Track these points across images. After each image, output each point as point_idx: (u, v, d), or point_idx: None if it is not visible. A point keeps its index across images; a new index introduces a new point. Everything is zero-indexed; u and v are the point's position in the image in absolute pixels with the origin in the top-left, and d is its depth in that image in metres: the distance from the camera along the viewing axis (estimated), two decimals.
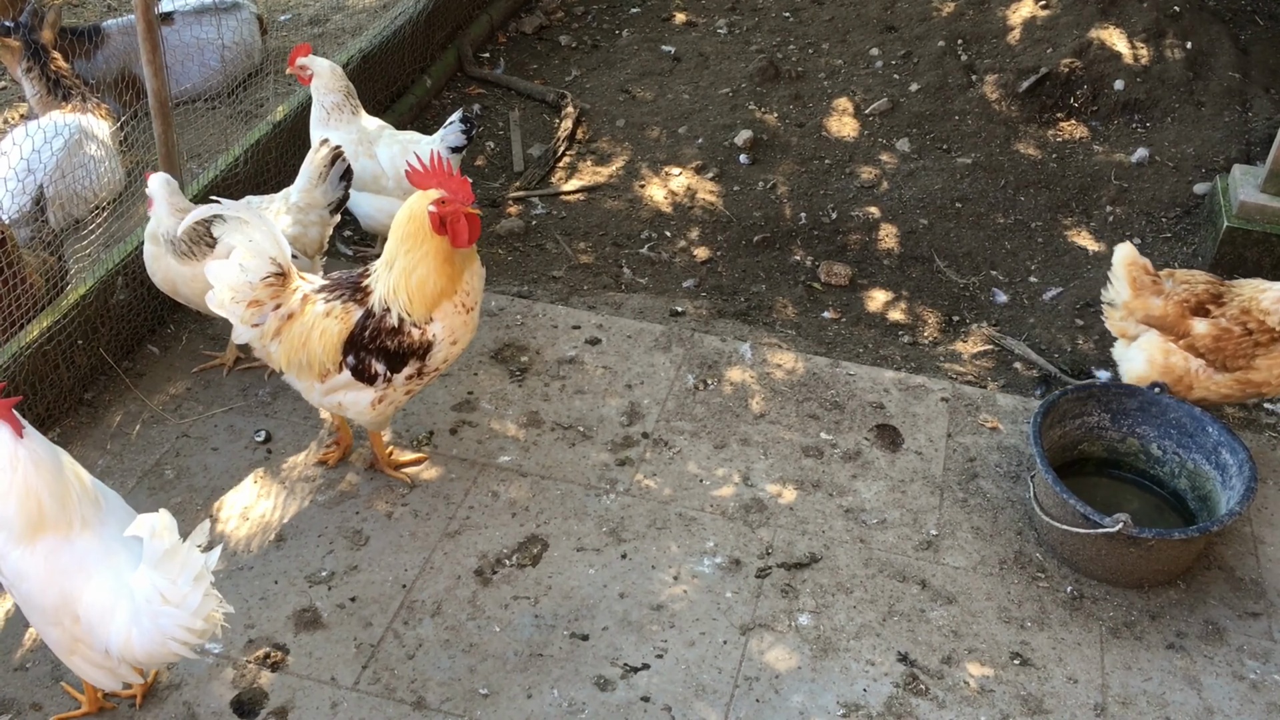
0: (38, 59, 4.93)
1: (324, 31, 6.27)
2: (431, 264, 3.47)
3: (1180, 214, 5.40)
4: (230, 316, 3.54)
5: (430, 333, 3.55)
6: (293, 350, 3.57)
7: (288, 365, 3.61)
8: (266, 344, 3.58)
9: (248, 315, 3.53)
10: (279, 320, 3.55)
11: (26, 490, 2.79)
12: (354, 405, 3.66)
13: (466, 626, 3.48)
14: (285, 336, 3.56)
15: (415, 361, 3.57)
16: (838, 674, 3.39)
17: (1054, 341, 4.78)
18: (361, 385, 3.59)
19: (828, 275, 5.09)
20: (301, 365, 3.58)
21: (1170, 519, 3.90)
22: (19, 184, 4.32)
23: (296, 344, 3.55)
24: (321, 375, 3.59)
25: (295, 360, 3.58)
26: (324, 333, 3.53)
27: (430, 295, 3.51)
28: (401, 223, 3.48)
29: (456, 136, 4.53)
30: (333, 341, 3.53)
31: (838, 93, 6.15)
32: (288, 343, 3.56)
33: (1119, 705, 3.35)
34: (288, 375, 3.69)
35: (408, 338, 3.53)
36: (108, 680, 2.97)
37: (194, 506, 3.79)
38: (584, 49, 6.71)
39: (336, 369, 3.57)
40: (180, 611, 2.72)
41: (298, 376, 3.64)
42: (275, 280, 3.52)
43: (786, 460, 4.07)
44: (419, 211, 3.43)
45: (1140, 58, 6.02)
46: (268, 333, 3.56)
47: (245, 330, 3.57)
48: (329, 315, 3.53)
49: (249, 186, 4.69)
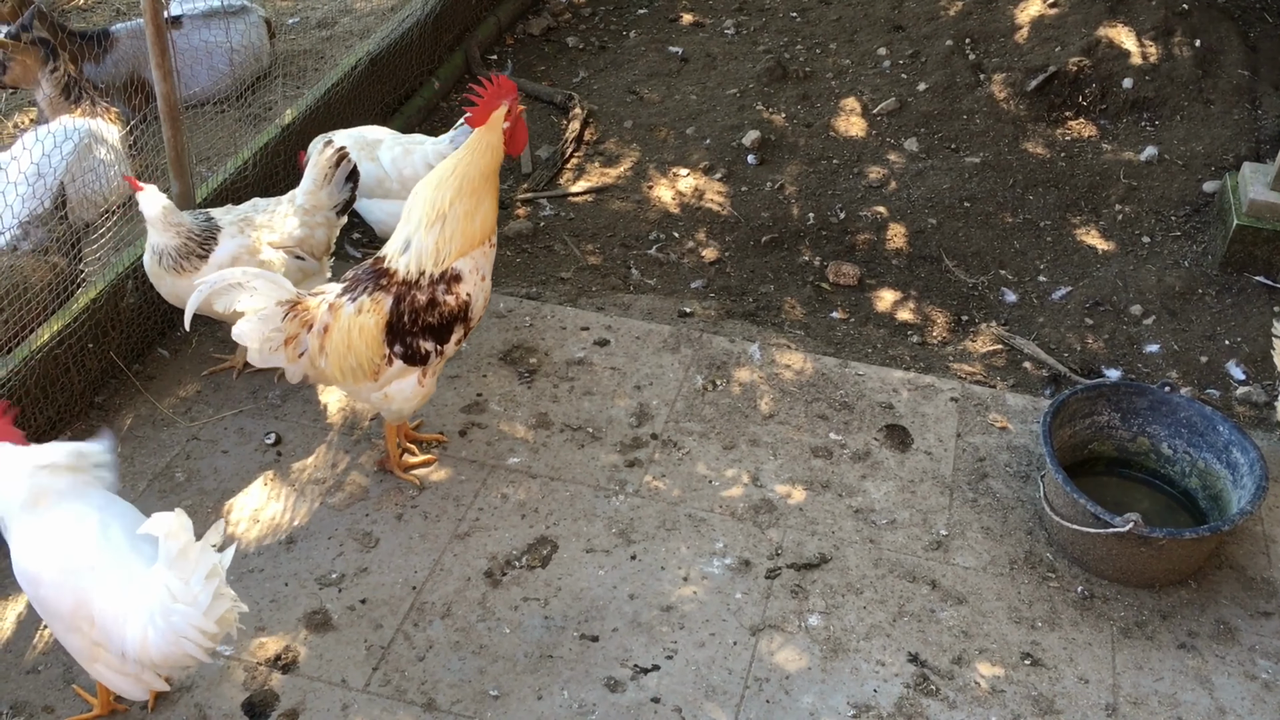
0: (57, 57, 4.95)
1: (332, 34, 6.29)
2: (491, 200, 3.55)
3: (1190, 212, 5.38)
4: (277, 364, 3.55)
5: (463, 292, 3.55)
6: (341, 359, 3.56)
7: (341, 375, 3.59)
8: (319, 365, 3.58)
9: (291, 352, 3.54)
10: (318, 338, 3.55)
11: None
12: (401, 393, 3.66)
13: (476, 628, 3.48)
14: (329, 349, 3.55)
15: (460, 326, 3.60)
16: (848, 675, 3.39)
17: (1063, 341, 4.77)
18: (411, 369, 3.60)
19: (836, 275, 5.08)
20: (353, 370, 3.57)
21: (1181, 518, 3.89)
22: (29, 188, 4.33)
23: (342, 351, 3.55)
24: (373, 373, 3.59)
25: (346, 367, 3.57)
26: (362, 330, 3.52)
27: (487, 228, 3.58)
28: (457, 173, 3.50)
29: (466, 138, 4.53)
30: (373, 335, 3.52)
31: (845, 93, 6.14)
32: (334, 354, 3.55)
33: (1130, 705, 3.34)
34: (345, 386, 3.69)
35: (446, 305, 3.54)
36: (133, 688, 2.97)
37: (204, 509, 3.80)
38: (591, 50, 6.71)
39: (386, 362, 3.57)
40: (192, 610, 2.73)
41: (353, 382, 3.63)
42: (294, 309, 3.52)
43: (796, 461, 4.07)
44: (481, 149, 3.51)
45: (1149, 56, 6.00)
46: (314, 354, 3.56)
47: (294, 368, 3.57)
48: (361, 312, 3.52)
49: (258, 189, 4.70)
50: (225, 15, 5.69)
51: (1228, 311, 4.89)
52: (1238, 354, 4.69)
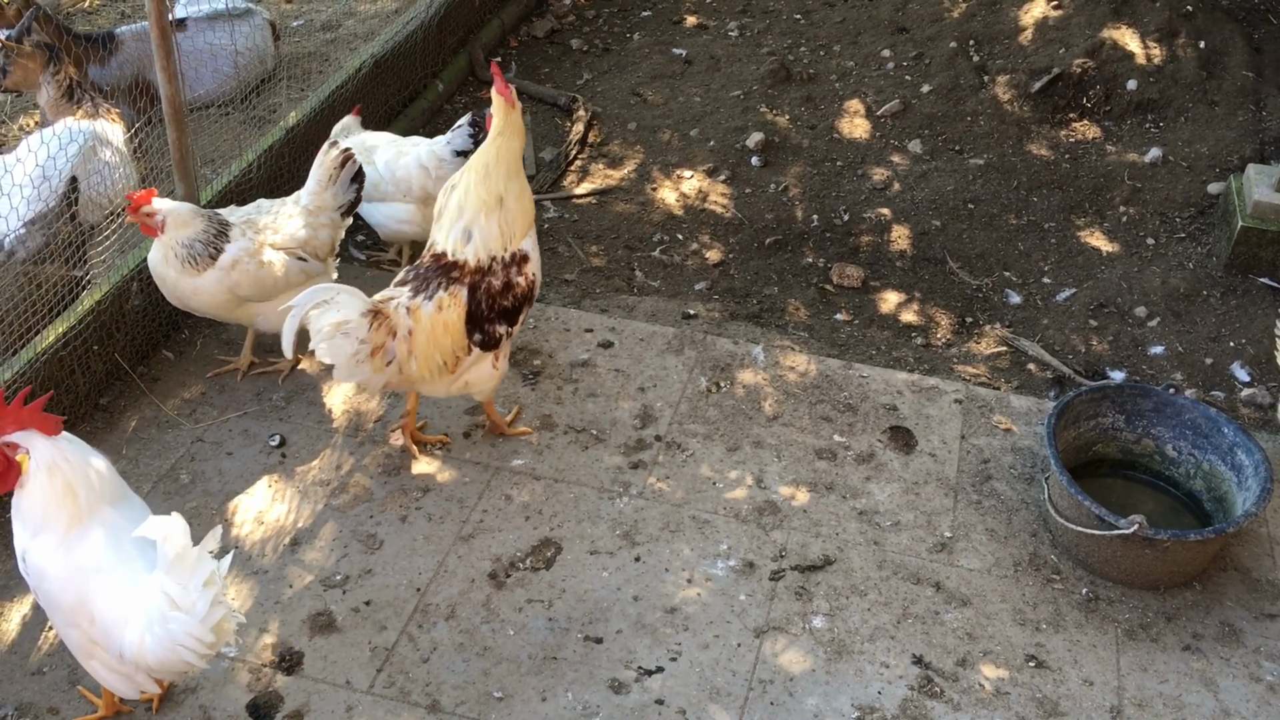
0: (60, 61, 4.96)
1: (336, 37, 6.30)
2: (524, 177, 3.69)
3: (1194, 214, 5.38)
4: (362, 376, 3.55)
5: (530, 271, 3.68)
6: (429, 357, 3.61)
7: (430, 374, 3.64)
8: (408, 369, 3.60)
9: (378, 362, 3.55)
10: (405, 342, 3.57)
11: (66, 487, 2.83)
12: (479, 378, 3.75)
13: (480, 630, 3.48)
14: (417, 351, 3.59)
15: (527, 307, 3.73)
16: (852, 676, 3.38)
17: (1068, 342, 4.77)
18: (484, 355, 3.68)
19: (840, 277, 5.08)
20: (439, 367, 3.64)
21: (1186, 520, 3.89)
22: (34, 189, 4.34)
23: (429, 350, 3.60)
24: (454, 366, 3.65)
25: (434, 365, 3.62)
26: (446, 326, 3.58)
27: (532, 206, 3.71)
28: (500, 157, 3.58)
29: (464, 140, 4.55)
30: (457, 329, 3.60)
31: (849, 94, 6.14)
32: (421, 354, 3.59)
33: (1135, 707, 3.34)
34: (427, 385, 3.72)
35: (519, 287, 3.67)
36: (125, 687, 2.98)
37: (209, 511, 3.81)
38: (595, 52, 6.72)
39: (466, 352, 3.65)
40: (189, 618, 2.71)
41: (437, 378, 3.68)
42: (378, 319, 3.53)
43: (799, 462, 4.07)
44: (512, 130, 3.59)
45: (1153, 57, 6.00)
46: (403, 360, 3.58)
47: (379, 378, 3.58)
48: (442, 308, 3.58)
49: (262, 191, 4.71)
50: (230, 18, 5.70)
51: (1232, 313, 4.88)
52: (1242, 356, 4.68)
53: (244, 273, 3.95)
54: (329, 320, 3.47)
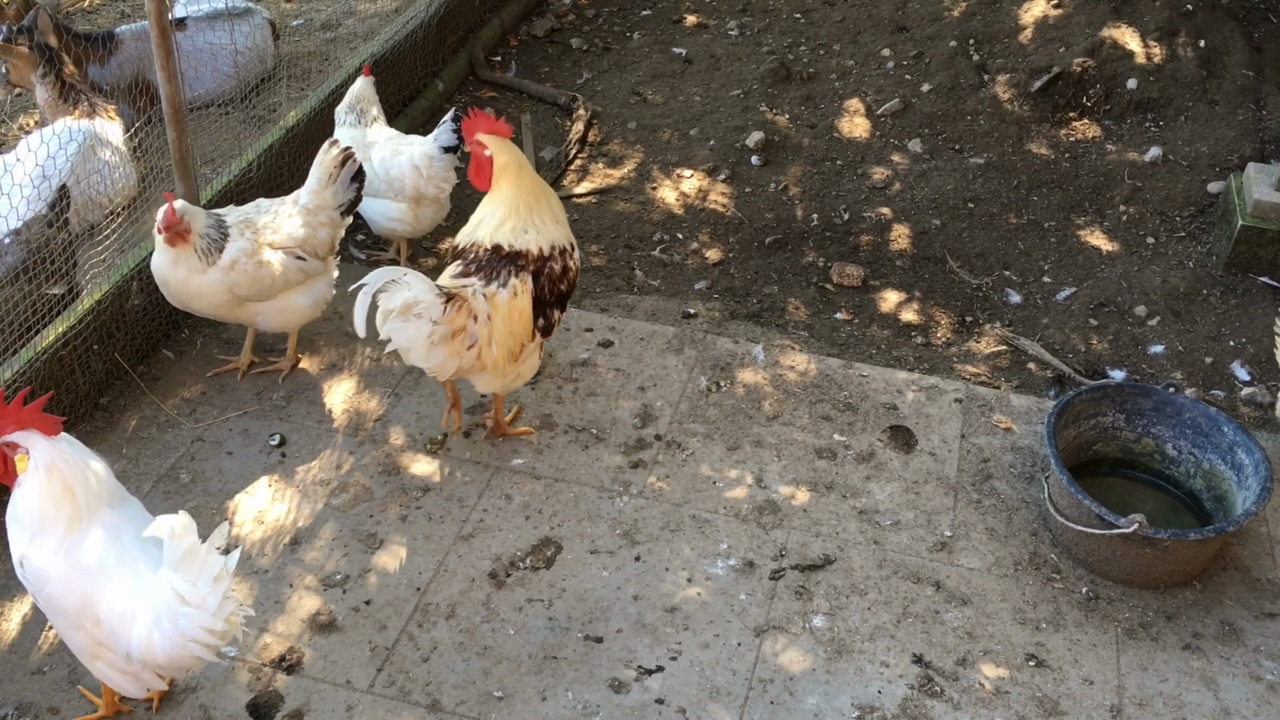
0: (53, 63, 4.95)
1: (336, 36, 6.30)
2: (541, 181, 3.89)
3: (1194, 213, 5.38)
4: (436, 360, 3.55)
5: (572, 261, 3.79)
6: (505, 344, 3.67)
7: (506, 357, 3.68)
8: (489, 353, 3.62)
9: (456, 346, 3.56)
10: (485, 326, 3.60)
11: (64, 488, 2.82)
12: (529, 367, 3.85)
13: (481, 629, 3.49)
14: (497, 336, 3.63)
15: (572, 292, 3.86)
16: (852, 676, 3.38)
17: (1068, 342, 4.76)
18: (536, 344, 3.79)
19: (840, 276, 5.08)
20: (511, 352, 3.69)
21: (1186, 519, 3.89)
22: (34, 190, 4.34)
23: (505, 335, 3.67)
24: (519, 352, 3.72)
25: (508, 351, 3.68)
26: (521, 312, 3.66)
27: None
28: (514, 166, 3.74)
29: (449, 136, 4.58)
30: (528, 314, 3.69)
31: (849, 94, 6.14)
32: (501, 338, 3.65)
33: (1135, 707, 3.34)
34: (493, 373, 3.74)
35: (571, 272, 3.81)
36: (132, 686, 2.97)
37: (209, 510, 3.81)
38: (595, 52, 6.71)
39: (530, 337, 3.73)
40: (200, 613, 2.73)
41: (505, 364, 3.71)
42: (454, 301, 3.54)
43: (800, 462, 4.07)
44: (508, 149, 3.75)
45: (1153, 56, 6.00)
46: (484, 344, 3.60)
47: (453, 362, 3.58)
48: (516, 295, 3.64)
49: (262, 190, 4.71)
50: (229, 17, 5.70)
51: (1232, 312, 4.88)
52: (1242, 355, 4.68)
53: (243, 273, 3.95)
54: (400, 300, 3.46)
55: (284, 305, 4.12)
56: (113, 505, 2.93)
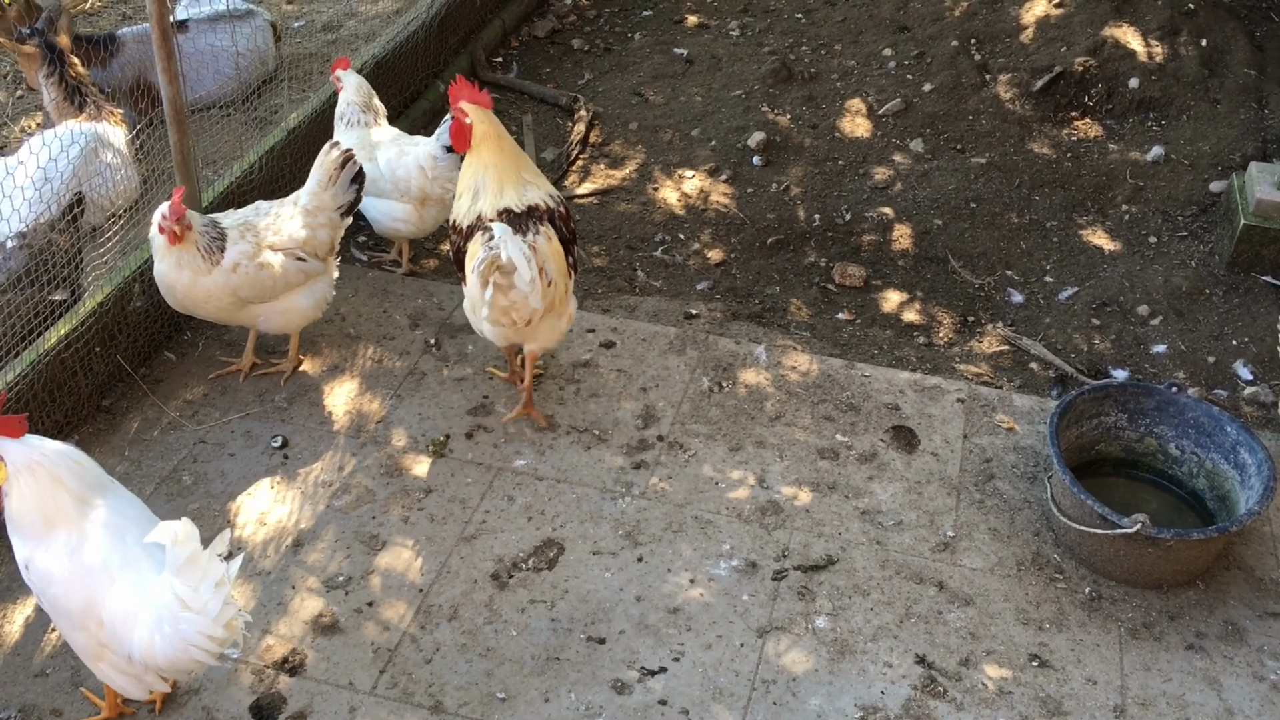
0: (57, 64, 4.95)
1: (337, 38, 6.30)
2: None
3: (1196, 212, 5.37)
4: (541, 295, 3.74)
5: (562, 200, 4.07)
6: (562, 280, 3.88)
7: (561, 293, 3.90)
8: (548, 294, 3.80)
9: (542, 285, 3.74)
10: (549, 263, 3.81)
11: (53, 481, 2.82)
12: (569, 316, 4.03)
13: (483, 630, 3.48)
14: (555, 275, 3.83)
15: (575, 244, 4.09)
16: (855, 676, 3.38)
17: (1070, 341, 4.76)
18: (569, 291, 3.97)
19: (842, 276, 5.08)
20: (561, 296, 3.91)
21: (1189, 519, 3.88)
22: (36, 192, 4.34)
23: (559, 272, 3.86)
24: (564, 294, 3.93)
25: (559, 292, 3.88)
26: (557, 253, 3.87)
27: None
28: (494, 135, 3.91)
29: (448, 135, 4.57)
30: (562, 254, 3.90)
31: (851, 93, 6.14)
32: (558, 277, 3.85)
33: (1138, 707, 3.34)
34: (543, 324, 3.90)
35: (571, 217, 4.05)
36: (135, 688, 2.98)
37: (211, 512, 3.81)
38: (596, 52, 6.71)
39: (567, 275, 3.93)
40: (201, 618, 2.74)
41: (562, 304, 3.93)
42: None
43: (802, 462, 4.06)
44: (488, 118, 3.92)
45: (1155, 55, 5.99)
46: (556, 277, 3.83)
47: (543, 301, 3.76)
48: (550, 240, 3.85)
49: (264, 192, 4.71)
50: (231, 19, 5.70)
51: (1235, 311, 4.88)
52: (1245, 354, 4.68)
53: (244, 275, 3.96)
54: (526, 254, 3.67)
55: (285, 306, 4.12)
56: (103, 489, 2.93)
